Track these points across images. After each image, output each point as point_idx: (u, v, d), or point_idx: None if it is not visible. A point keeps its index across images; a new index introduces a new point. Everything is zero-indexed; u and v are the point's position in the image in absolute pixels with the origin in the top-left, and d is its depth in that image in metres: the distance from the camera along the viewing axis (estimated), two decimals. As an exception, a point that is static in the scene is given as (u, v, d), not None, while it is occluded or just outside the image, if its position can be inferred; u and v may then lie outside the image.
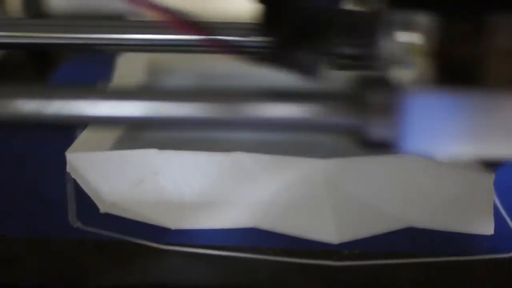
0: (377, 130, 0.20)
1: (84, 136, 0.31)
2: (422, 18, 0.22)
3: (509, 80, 0.20)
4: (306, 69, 0.23)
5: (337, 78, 0.28)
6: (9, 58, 0.56)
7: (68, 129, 0.33)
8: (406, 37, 0.22)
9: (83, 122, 0.20)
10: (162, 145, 0.30)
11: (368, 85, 0.20)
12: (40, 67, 0.55)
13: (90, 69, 0.43)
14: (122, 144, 0.36)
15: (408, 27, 0.22)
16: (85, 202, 0.31)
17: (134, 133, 0.38)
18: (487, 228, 0.30)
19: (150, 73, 0.48)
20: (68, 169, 0.30)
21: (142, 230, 0.30)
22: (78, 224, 0.30)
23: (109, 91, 0.21)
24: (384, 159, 0.29)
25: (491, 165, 0.29)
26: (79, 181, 0.30)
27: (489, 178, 0.28)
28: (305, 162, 0.29)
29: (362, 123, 0.20)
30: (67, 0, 0.72)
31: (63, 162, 0.30)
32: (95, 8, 0.72)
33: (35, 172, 0.35)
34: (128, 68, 0.41)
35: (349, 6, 0.25)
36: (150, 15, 0.23)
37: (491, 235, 0.30)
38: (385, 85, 0.20)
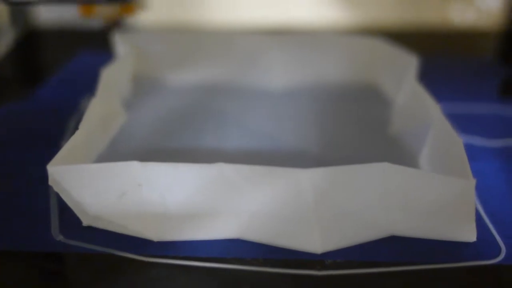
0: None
1: (66, 149, 0.31)
2: None
3: None
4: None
5: None
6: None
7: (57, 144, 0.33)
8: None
9: None
10: (145, 157, 0.30)
11: None
12: (27, 81, 0.55)
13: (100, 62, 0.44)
14: (104, 157, 0.36)
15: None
16: (67, 215, 0.31)
17: (116, 146, 0.38)
18: (470, 235, 0.30)
19: (136, 87, 0.48)
20: (50, 182, 0.30)
21: (125, 243, 0.29)
22: (60, 238, 0.30)
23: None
24: (368, 168, 0.29)
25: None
26: (61, 194, 0.30)
27: (469, 185, 0.28)
28: (288, 172, 0.28)
29: None
30: (54, 13, 0.72)
31: (45, 175, 0.30)
32: (81, 21, 0.72)
33: (17, 186, 0.35)
34: (112, 81, 0.41)
35: None
36: None
37: (474, 242, 0.30)
38: None
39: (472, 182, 0.28)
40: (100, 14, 0.52)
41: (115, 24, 0.53)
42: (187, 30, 0.63)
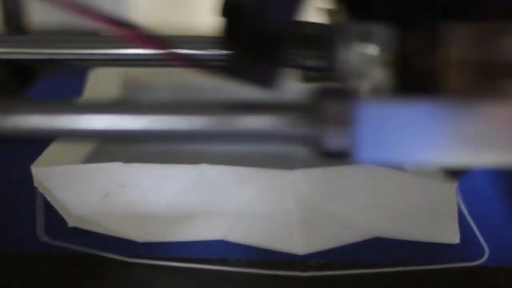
0: (333, 140, 0.20)
1: (50, 150, 0.31)
2: (380, 30, 0.22)
3: (464, 90, 0.20)
4: (263, 81, 0.23)
5: (296, 90, 0.28)
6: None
7: (43, 143, 0.33)
8: (364, 49, 0.23)
9: (60, 135, 0.20)
10: (129, 159, 0.30)
11: (325, 96, 0.20)
12: (20, 82, 0.55)
13: (68, 83, 0.43)
14: (90, 158, 0.36)
15: (366, 38, 0.23)
16: (53, 216, 0.31)
17: (102, 147, 0.38)
18: (453, 237, 0.30)
19: (123, 88, 0.48)
20: (35, 183, 0.30)
21: (110, 244, 0.30)
22: (45, 238, 0.30)
23: (85, 105, 0.21)
24: (351, 170, 0.29)
25: (454, 173, 0.29)
26: (46, 195, 0.30)
27: (451, 187, 0.29)
28: (272, 173, 0.29)
29: (318, 134, 0.20)
30: (47, 16, 0.72)
31: (31, 176, 0.30)
32: (74, 23, 0.73)
33: (2, 187, 0.35)
34: (100, 83, 0.41)
35: (308, 19, 0.25)
36: (109, 30, 0.24)
37: (458, 244, 0.30)
38: (341, 96, 0.20)
39: (454, 185, 0.29)
40: None
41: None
42: (176, 32, 0.63)
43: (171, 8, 0.72)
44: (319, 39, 0.25)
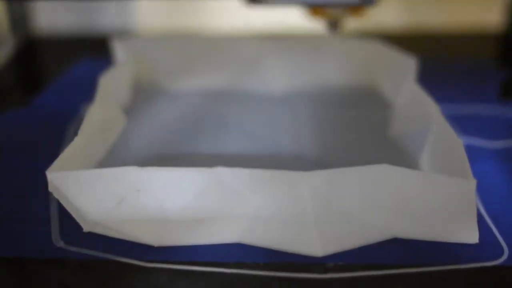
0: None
1: (65, 155, 0.31)
2: None
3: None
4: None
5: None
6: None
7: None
8: None
9: None
10: (144, 163, 0.30)
11: None
12: (27, 90, 0.56)
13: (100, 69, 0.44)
14: (104, 163, 0.36)
15: None
16: (68, 221, 0.31)
17: (116, 151, 0.38)
18: (472, 236, 0.30)
19: (134, 92, 0.48)
20: (49, 188, 0.30)
21: (125, 248, 0.29)
22: (61, 244, 0.30)
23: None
24: (368, 170, 0.29)
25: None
26: (61, 200, 0.30)
27: (470, 186, 0.28)
28: (287, 175, 0.28)
29: None
30: (53, 20, 0.72)
31: (45, 181, 0.30)
32: (82, 28, 0.73)
33: (17, 193, 0.35)
34: (111, 87, 0.41)
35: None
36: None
37: (476, 243, 0.30)
38: None
39: (473, 182, 0.28)
40: (329, 15, 0.51)
41: (336, 25, 0.52)
42: (185, 36, 0.63)
43: (173, 13, 0.72)
44: None
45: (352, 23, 0.56)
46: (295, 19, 0.72)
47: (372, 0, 0.39)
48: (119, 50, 0.48)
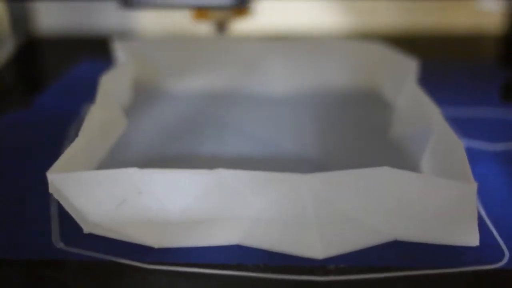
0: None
1: (65, 156, 0.31)
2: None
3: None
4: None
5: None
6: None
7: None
8: None
9: None
10: (145, 164, 0.30)
11: None
12: (27, 91, 0.56)
13: (101, 70, 0.43)
14: (104, 164, 0.36)
15: None
16: (68, 222, 0.31)
17: (117, 153, 0.38)
18: (472, 239, 0.30)
19: (134, 93, 0.48)
20: (50, 189, 0.29)
21: (126, 250, 0.29)
22: (61, 245, 0.30)
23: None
24: (369, 172, 0.29)
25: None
26: (61, 201, 0.30)
27: (471, 189, 0.28)
28: (289, 177, 0.28)
29: None
30: (54, 21, 0.72)
31: (46, 182, 0.30)
32: (83, 28, 0.73)
33: (17, 193, 0.35)
34: (112, 88, 0.41)
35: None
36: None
37: (477, 246, 0.30)
38: None
39: (474, 185, 0.28)
40: (213, 18, 0.52)
41: (222, 27, 0.53)
42: (186, 37, 0.63)
43: (174, 13, 0.72)
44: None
45: (239, 24, 0.57)
46: (296, 20, 0.72)
47: (245, 2, 0.40)
48: (120, 51, 0.48)
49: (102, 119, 0.37)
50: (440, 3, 0.71)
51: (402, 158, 0.38)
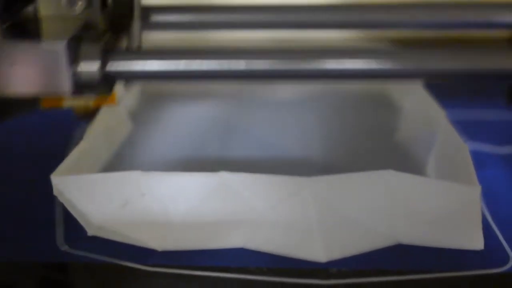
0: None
1: (70, 159, 0.31)
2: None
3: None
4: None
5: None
6: None
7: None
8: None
9: None
10: (149, 167, 0.30)
11: None
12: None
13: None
14: (109, 167, 0.37)
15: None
16: (73, 225, 0.31)
17: (122, 157, 0.38)
18: (477, 243, 0.29)
19: (141, 97, 0.48)
20: (54, 192, 0.30)
21: (130, 252, 0.29)
22: (65, 248, 0.30)
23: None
24: (372, 176, 0.28)
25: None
26: (65, 204, 0.30)
27: (475, 192, 0.28)
28: (291, 180, 0.28)
29: None
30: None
31: (50, 185, 0.30)
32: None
33: (21, 197, 0.35)
34: (117, 92, 0.41)
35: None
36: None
37: (482, 250, 0.29)
38: None
39: (478, 189, 0.28)
40: (70, 105, 0.39)
41: (90, 115, 0.41)
42: (192, 40, 0.63)
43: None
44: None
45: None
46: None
47: (108, 92, 0.33)
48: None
49: (107, 122, 0.37)
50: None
51: (408, 161, 0.38)
